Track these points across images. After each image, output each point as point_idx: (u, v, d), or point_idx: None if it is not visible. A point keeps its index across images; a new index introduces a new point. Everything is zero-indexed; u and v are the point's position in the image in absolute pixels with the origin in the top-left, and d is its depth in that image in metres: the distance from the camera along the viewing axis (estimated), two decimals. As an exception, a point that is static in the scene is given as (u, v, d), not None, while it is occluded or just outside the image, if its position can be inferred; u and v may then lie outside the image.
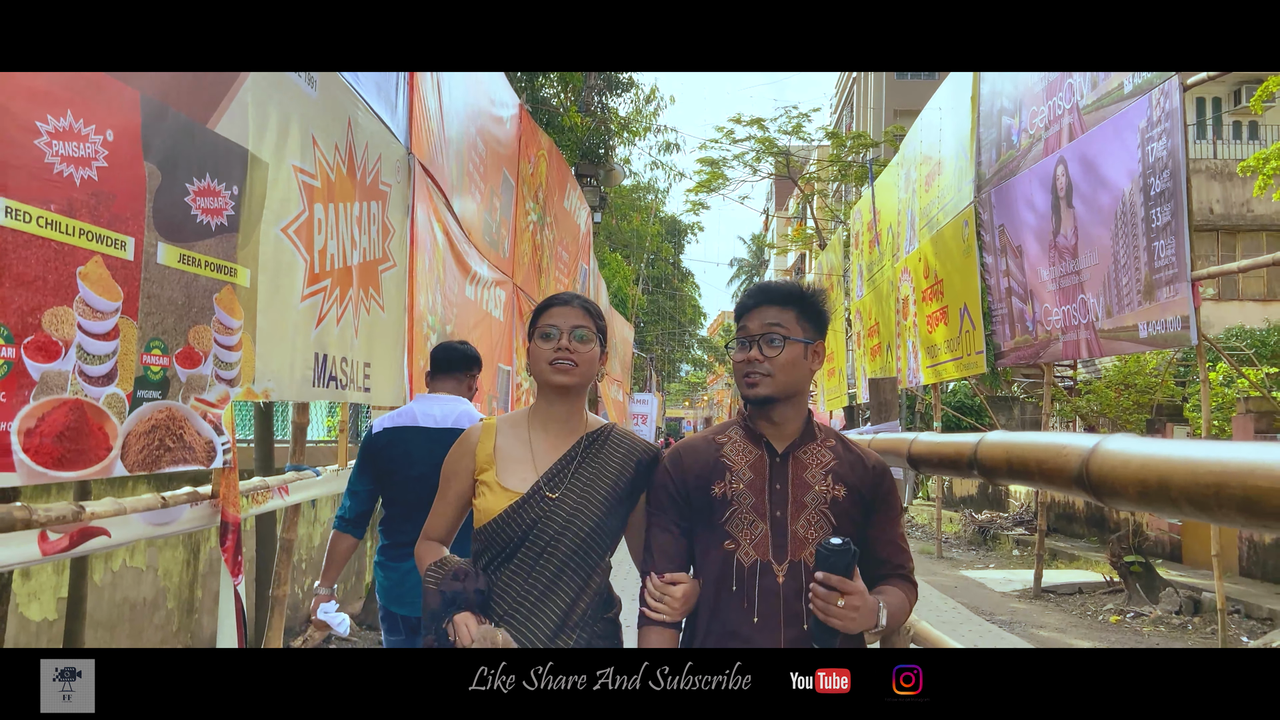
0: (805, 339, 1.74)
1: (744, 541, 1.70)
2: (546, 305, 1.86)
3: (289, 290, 2.93)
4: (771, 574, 1.68)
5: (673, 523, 1.76)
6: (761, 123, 19.58)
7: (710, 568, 1.72)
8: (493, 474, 1.81)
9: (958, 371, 9.07)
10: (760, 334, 1.73)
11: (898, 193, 11.28)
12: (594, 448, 1.85)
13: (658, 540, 1.76)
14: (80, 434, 1.96)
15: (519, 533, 1.75)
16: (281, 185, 2.83)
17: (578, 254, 9.96)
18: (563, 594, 1.74)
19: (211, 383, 2.44)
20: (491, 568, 1.78)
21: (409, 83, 4.19)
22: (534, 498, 1.77)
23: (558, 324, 1.80)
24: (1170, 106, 5.15)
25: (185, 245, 2.31)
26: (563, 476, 1.80)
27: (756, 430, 1.78)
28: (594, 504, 1.78)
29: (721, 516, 1.72)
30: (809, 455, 1.76)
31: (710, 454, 1.78)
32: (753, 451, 1.76)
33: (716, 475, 1.74)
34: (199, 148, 2.37)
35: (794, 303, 1.75)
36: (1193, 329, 5.08)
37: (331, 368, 3.29)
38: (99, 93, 1.98)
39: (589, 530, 1.76)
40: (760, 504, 1.72)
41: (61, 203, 1.88)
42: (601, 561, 1.81)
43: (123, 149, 2.05)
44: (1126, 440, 1.10)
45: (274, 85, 2.76)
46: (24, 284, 1.79)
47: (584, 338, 1.81)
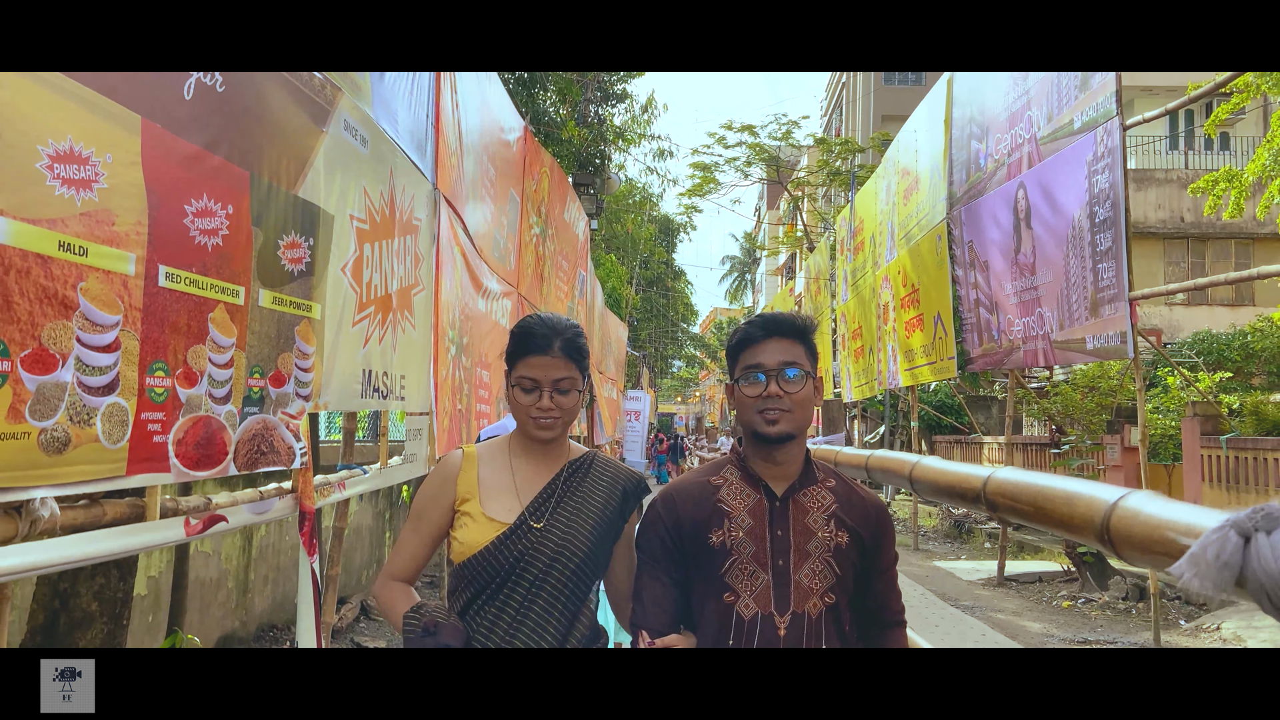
0: (812, 373, 1.70)
1: (744, 593, 1.61)
2: (525, 349, 1.74)
3: (344, 319, 3.49)
4: (773, 626, 1.59)
5: (665, 572, 1.67)
6: (752, 129, 20.20)
7: (708, 621, 1.63)
8: (476, 504, 1.74)
9: (932, 375, 9.67)
10: (777, 369, 1.65)
11: (879, 203, 11.87)
12: (576, 476, 1.79)
13: (649, 590, 1.67)
14: (209, 443, 2.53)
15: (507, 565, 1.68)
16: (341, 232, 3.39)
17: (576, 262, 10.52)
18: (554, 627, 1.68)
19: (292, 399, 3.01)
20: (476, 604, 1.71)
21: (435, 125, 4.75)
22: (521, 528, 1.71)
23: (538, 378, 1.71)
24: (1112, 144, 5.76)
25: (276, 289, 2.87)
26: (547, 506, 1.74)
27: (753, 472, 1.69)
28: (582, 534, 1.72)
29: (721, 567, 1.62)
30: (810, 499, 1.68)
31: (706, 498, 1.69)
32: (751, 495, 1.67)
33: (715, 523, 1.65)
34: (286, 209, 2.93)
35: (801, 336, 1.71)
36: (1129, 343, 5.68)
37: (375, 381, 3.85)
38: (224, 176, 2.54)
39: (579, 561, 1.70)
40: (761, 552, 1.62)
41: (199, 265, 2.44)
42: (590, 593, 1.77)
43: (238, 219, 2.62)
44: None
45: (337, 147, 3.31)
46: (177, 330, 2.35)
47: (567, 390, 1.73)
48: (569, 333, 1.76)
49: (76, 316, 1.96)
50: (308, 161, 3.06)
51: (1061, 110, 6.48)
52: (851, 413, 17.52)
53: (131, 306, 2.15)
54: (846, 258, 14.25)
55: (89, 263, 2.00)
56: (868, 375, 12.76)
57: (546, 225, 8.72)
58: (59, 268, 1.91)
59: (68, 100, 1.92)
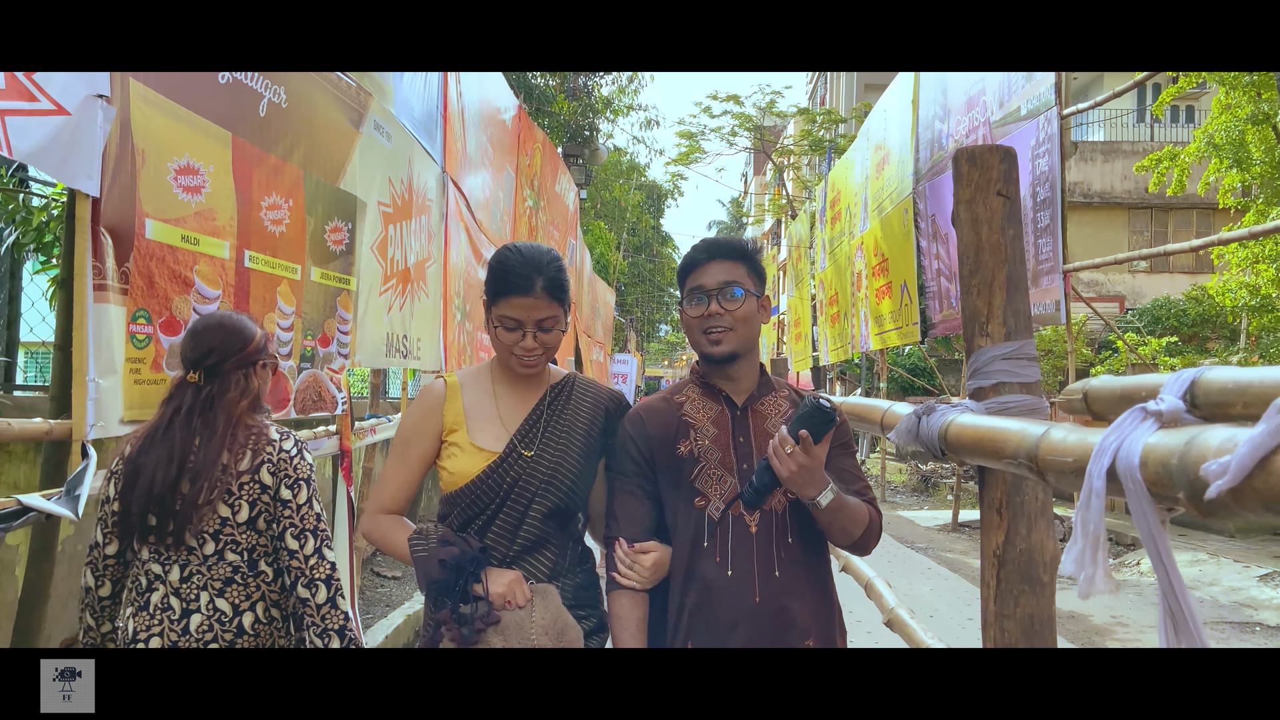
0: (756, 293, 1.73)
1: (714, 497, 1.68)
2: (506, 288, 1.70)
3: (373, 290, 4.10)
4: (744, 524, 1.66)
5: (638, 486, 1.73)
6: (737, 99, 20.65)
7: (683, 527, 1.69)
8: (463, 433, 1.75)
9: (899, 339, 10.36)
10: (718, 288, 1.70)
11: (855, 175, 12.47)
12: (560, 400, 1.81)
13: (624, 504, 1.73)
14: (278, 391, 3.15)
15: (500, 493, 1.71)
16: (371, 216, 3.99)
17: (567, 231, 11.09)
18: (549, 549, 1.72)
19: (335, 357, 3.63)
20: (470, 530, 1.72)
21: (443, 114, 5.31)
22: (511, 456, 1.72)
23: (521, 319, 1.70)
24: (1051, 131, 6.38)
25: (324, 266, 3.48)
26: (535, 433, 1.75)
27: (714, 386, 1.76)
28: (571, 457, 1.75)
29: (690, 474, 1.69)
30: (768, 406, 1.75)
31: (671, 414, 1.76)
32: (713, 407, 1.74)
33: (681, 434, 1.72)
34: (331, 199, 3.52)
35: (744, 257, 1.74)
36: (1062, 311, 6.36)
37: (396, 343, 4.47)
38: (287, 176, 3.13)
39: (570, 484, 1.73)
40: (726, 458, 1.70)
41: (270, 248, 3.05)
42: (580, 512, 1.80)
43: (296, 210, 3.22)
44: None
45: (369, 145, 3.89)
46: (256, 301, 2.96)
47: (550, 329, 1.72)
48: (550, 269, 1.71)
49: (192, 292, 2.58)
50: (347, 158, 3.65)
51: (1011, 98, 7.08)
52: (829, 375, 18.24)
53: (227, 284, 2.76)
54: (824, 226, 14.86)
55: (200, 250, 2.61)
56: (842, 340, 13.44)
57: (539, 198, 9.29)
58: (182, 255, 2.52)
59: (183, 124, 2.52)
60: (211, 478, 1.80)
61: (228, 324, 1.96)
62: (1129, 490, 0.72)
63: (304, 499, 1.85)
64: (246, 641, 1.82)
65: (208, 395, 1.87)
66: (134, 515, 1.81)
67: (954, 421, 1.19)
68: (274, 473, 1.85)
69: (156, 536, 1.81)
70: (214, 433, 1.83)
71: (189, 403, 1.86)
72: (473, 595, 1.57)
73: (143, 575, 1.85)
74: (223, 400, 1.87)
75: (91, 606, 1.93)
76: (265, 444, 1.87)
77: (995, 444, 1.03)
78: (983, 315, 1.24)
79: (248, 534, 1.84)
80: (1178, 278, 16.50)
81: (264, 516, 1.84)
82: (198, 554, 1.82)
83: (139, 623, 1.82)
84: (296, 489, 1.86)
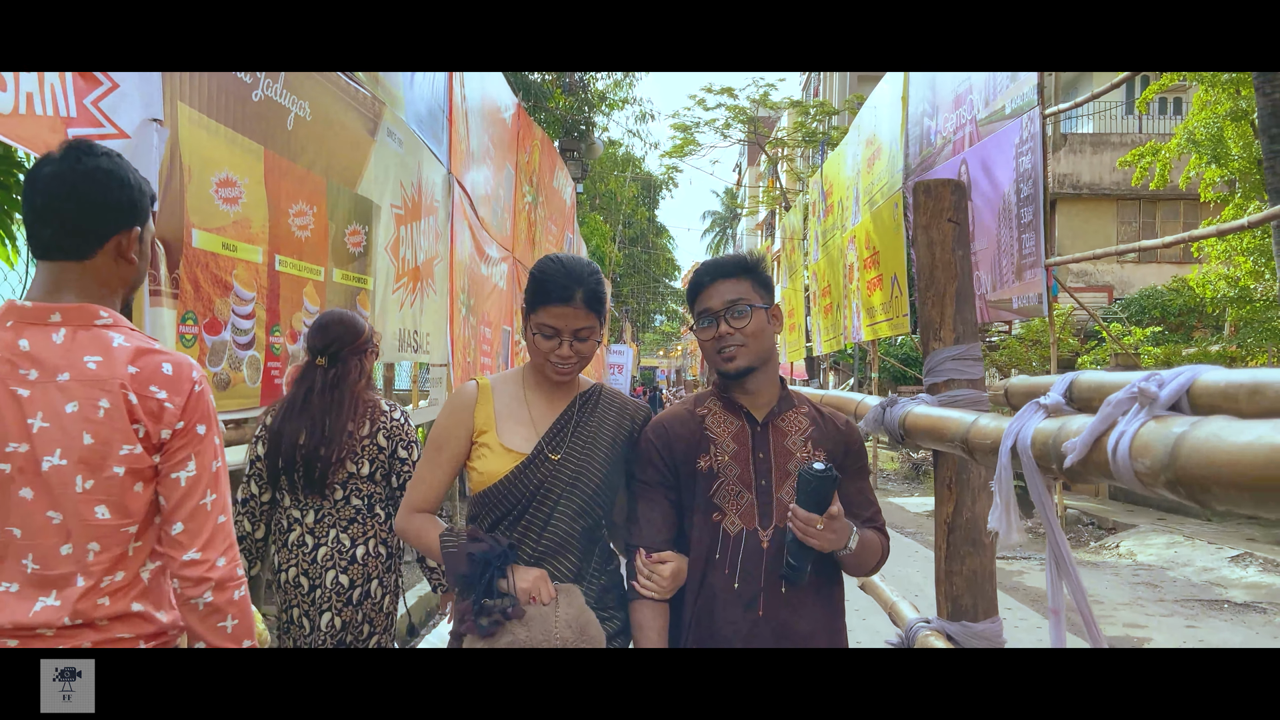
0: (764, 305, 1.75)
1: (730, 511, 1.70)
2: (547, 297, 1.74)
3: (387, 288, 4.32)
4: (756, 540, 1.69)
5: (661, 495, 1.75)
6: (731, 91, 20.84)
7: (698, 539, 1.72)
8: (493, 435, 1.79)
9: (889, 330, 10.61)
10: (724, 308, 1.73)
11: (847, 169, 12.70)
12: (587, 407, 1.85)
13: (645, 513, 1.75)
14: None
15: (526, 494, 1.75)
16: (385, 219, 4.21)
17: (564, 225, 11.31)
18: (573, 552, 1.75)
19: (354, 352, 3.86)
20: (498, 531, 1.76)
21: (449, 117, 5.52)
22: (538, 459, 1.76)
23: (559, 327, 1.73)
24: (1034, 130, 6.62)
25: (344, 268, 3.71)
26: (563, 437, 1.79)
27: (734, 400, 1.79)
28: (595, 463, 1.78)
29: (709, 489, 1.72)
30: (788, 423, 1.77)
31: (694, 426, 1.78)
32: (734, 422, 1.77)
33: (702, 448, 1.75)
34: (350, 205, 3.75)
35: (746, 272, 1.77)
36: (1044, 304, 6.61)
37: (408, 339, 4.70)
38: (311, 184, 3.35)
39: (594, 489, 1.77)
40: (745, 474, 1.72)
41: (297, 252, 3.27)
42: (605, 517, 1.83)
43: (320, 215, 3.44)
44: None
45: (383, 151, 4.11)
46: (286, 302, 3.19)
47: (586, 338, 1.76)
48: (590, 281, 1.75)
49: (231, 295, 2.81)
50: (364, 165, 3.87)
51: (996, 96, 7.32)
52: (823, 365, 18.50)
53: (261, 287, 2.99)
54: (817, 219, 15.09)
55: (238, 256, 2.83)
56: (835, 330, 13.69)
57: (537, 194, 9.50)
58: (223, 261, 2.75)
59: (222, 141, 2.74)
60: (340, 442, 2.42)
61: (346, 319, 2.56)
62: (1024, 464, 0.96)
63: (416, 455, 2.56)
64: (356, 571, 2.44)
65: (334, 376, 2.47)
66: (280, 470, 2.43)
67: (911, 411, 1.43)
68: (389, 437, 2.52)
69: (300, 487, 2.44)
70: (340, 406, 2.44)
71: (319, 382, 2.46)
72: (498, 590, 1.62)
73: (284, 518, 2.49)
74: (345, 380, 2.48)
75: (249, 550, 2.50)
76: (379, 414, 2.53)
77: (940, 430, 1.27)
78: (936, 323, 1.48)
79: (368, 485, 2.49)
80: (1165, 268, 16.75)
81: (380, 470, 2.51)
82: (330, 500, 2.46)
83: (281, 557, 2.49)
84: (410, 449, 2.56)
